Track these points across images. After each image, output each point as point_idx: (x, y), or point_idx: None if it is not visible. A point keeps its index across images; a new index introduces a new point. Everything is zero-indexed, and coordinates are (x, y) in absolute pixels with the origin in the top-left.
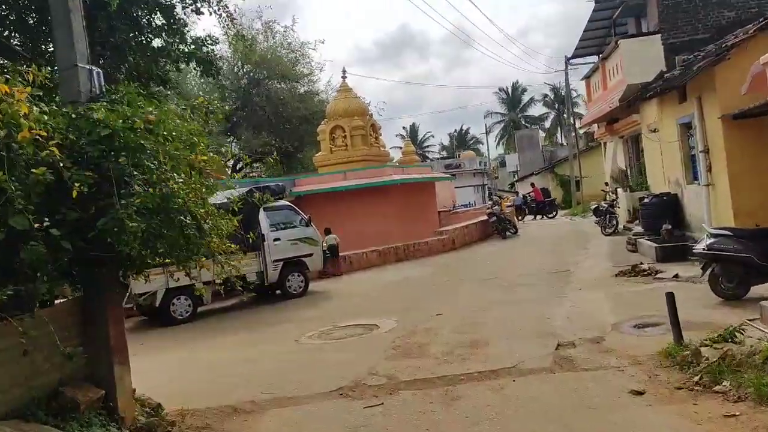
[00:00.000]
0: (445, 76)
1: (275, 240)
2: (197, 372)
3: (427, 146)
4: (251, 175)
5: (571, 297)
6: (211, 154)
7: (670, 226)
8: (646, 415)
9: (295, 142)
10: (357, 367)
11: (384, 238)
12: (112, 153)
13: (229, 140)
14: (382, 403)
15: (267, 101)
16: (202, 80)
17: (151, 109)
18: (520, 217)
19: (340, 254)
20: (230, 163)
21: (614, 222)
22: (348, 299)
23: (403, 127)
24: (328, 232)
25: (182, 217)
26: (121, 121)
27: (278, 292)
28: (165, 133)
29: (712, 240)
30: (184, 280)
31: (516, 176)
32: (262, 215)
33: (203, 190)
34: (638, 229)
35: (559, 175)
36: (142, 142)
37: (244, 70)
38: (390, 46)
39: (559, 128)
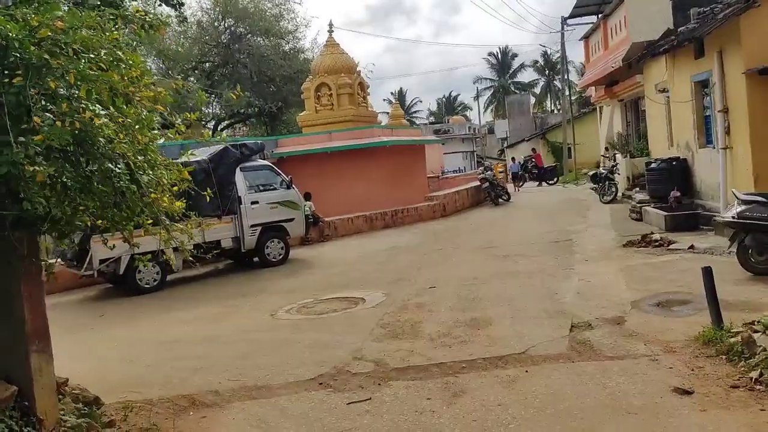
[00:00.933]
0: (434, 41)
1: (253, 203)
2: (155, 351)
3: (415, 112)
4: (233, 136)
5: (578, 269)
6: (158, 88)
7: (678, 194)
8: (704, 426)
9: (279, 103)
10: (340, 350)
11: (371, 204)
12: (6, 72)
13: (209, 99)
14: (370, 398)
15: (249, 58)
16: (180, 33)
17: (60, 14)
18: (520, 183)
19: (324, 220)
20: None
21: (613, 189)
22: (332, 268)
23: (391, 92)
24: (308, 197)
25: (110, 165)
26: (22, 31)
27: (256, 259)
28: (77, 46)
29: (743, 207)
30: (152, 245)
31: (506, 143)
32: (238, 176)
33: (137, 127)
34: (639, 196)
35: (550, 141)
36: (47, 57)
37: (225, 24)
38: (379, 9)
39: (549, 95)
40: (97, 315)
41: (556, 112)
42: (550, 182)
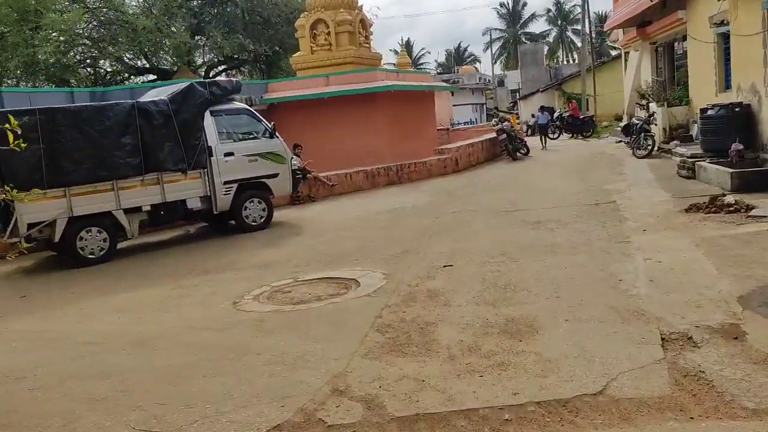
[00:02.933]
0: None
1: (227, 155)
2: (58, 361)
3: (422, 63)
4: None
5: (638, 243)
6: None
7: (741, 146)
8: None
9: (275, 47)
10: (314, 373)
11: (373, 158)
12: None
13: (196, 41)
14: None
15: None
16: None
17: None
18: (555, 136)
19: (319, 175)
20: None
21: (650, 142)
22: (322, 235)
23: (398, 42)
24: (297, 149)
25: None
26: None
27: (233, 222)
28: None
29: None
30: (96, 205)
31: (518, 95)
32: (208, 121)
33: None
34: (681, 150)
35: (567, 93)
36: None
37: None
38: None
39: (561, 46)
40: (19, 295)
41: (570, 62)
42: (586, 135)
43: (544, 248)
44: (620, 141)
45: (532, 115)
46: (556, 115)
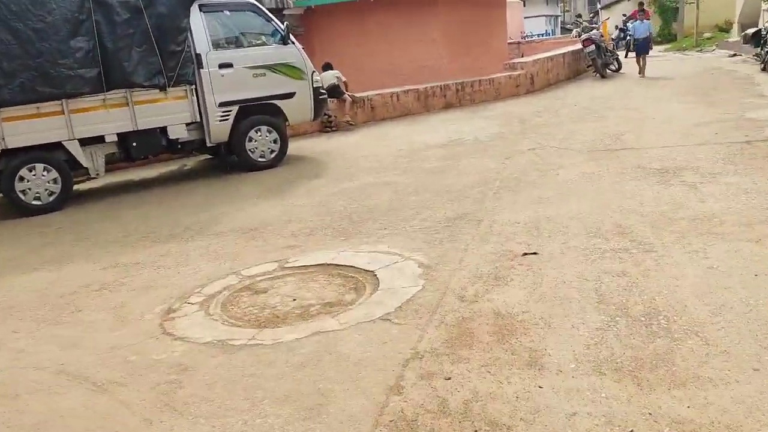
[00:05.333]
0: None
1: (222, 66)
2: None
3: None
4: None
5: None
6: None
7: None
8: None
9: None
10: None
11: (429, 74)
12: None
13: None
14: None
15: None
16: None
17: None
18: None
19: (356, 95)
20: None
21: None
22: (348, 182)
23: None
24: (328, 67)
25: None
26: None
27: (235, 158)
28: None
29: None
30: (39, 134)
31: (599, 3)
32: (196, 19)
33: None
34: None
35: (658, 0)
36: None
37: None
38: None
39: None
40: None
41: None
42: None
43: (692, 222)
44: (735, 54)
45: (616, 27)
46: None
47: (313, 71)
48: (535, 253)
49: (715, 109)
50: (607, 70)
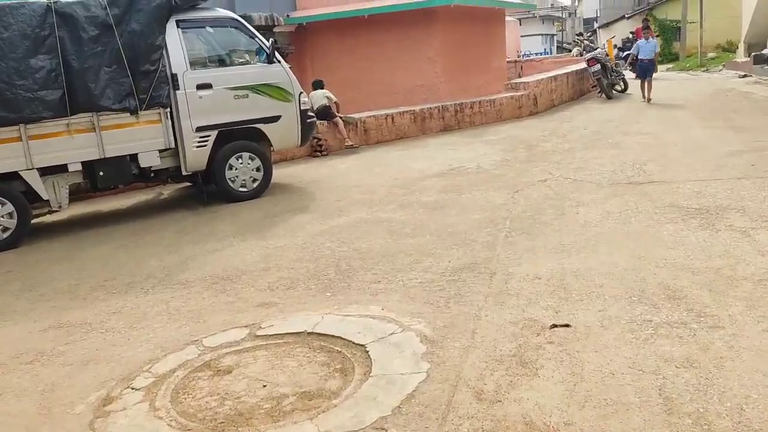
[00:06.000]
0: None
1: (201, 87)
2: None
3: None
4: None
5: None
6: None
7: None
8: None
9: None
10: None
11: (426, 94)
12: None
13: None
14: None
15: None
16: None
17: None
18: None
19: (349, 117)
20: None
21: None
22: (336, 218)
23: None
24: (318, 86)
25: None
26: None
27: (214, 186)
28: None
29: None
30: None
31: (596, 23)
32: (172, 36)
33: None
34: None
35: (659, 19)
36: None
37: None
38: None
39: None
40: None
41: None
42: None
43: (760, 285)
44: (745, 75)
45: (615, 47)
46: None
47: (301, 92)
48: (567, 326)
49: (743, 136)
50: (613, 91)
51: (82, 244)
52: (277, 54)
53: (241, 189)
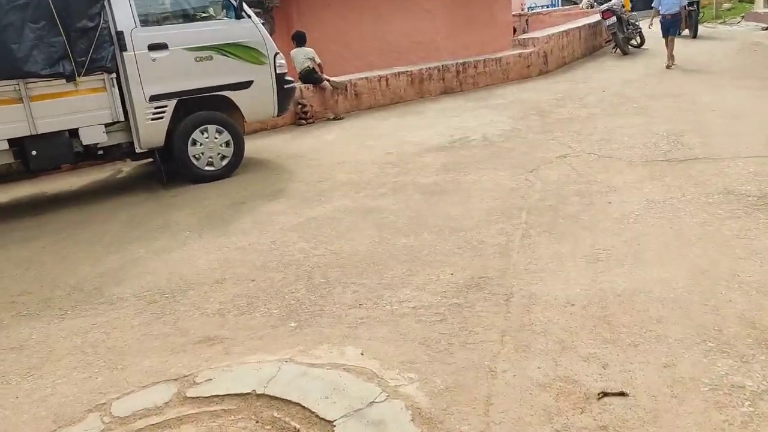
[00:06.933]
0: None
1: (154, 48)
2: None
3: None
4: None
5: None
6: None
7: None
8: None
9: None
10: None
11: (424, 52)
12: None
13: None
14: None
15: None
16: None
17: None
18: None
19: (337, 81)
20: None
21: None
22: (315, 207)
23: None
24: (300, 40)
25: None
26: None
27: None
28: None
29: None
30: None
31: None
32: None
33: None
34: None
35: None
36: None
37: None
38: None
39: None
40: None
41: None
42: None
43: None
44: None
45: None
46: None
47: (277, 53)
48: (622, 394)
49: None
50: (629, 46)
51: (4, 240)
52: (246, 7)
53: (208, 168)
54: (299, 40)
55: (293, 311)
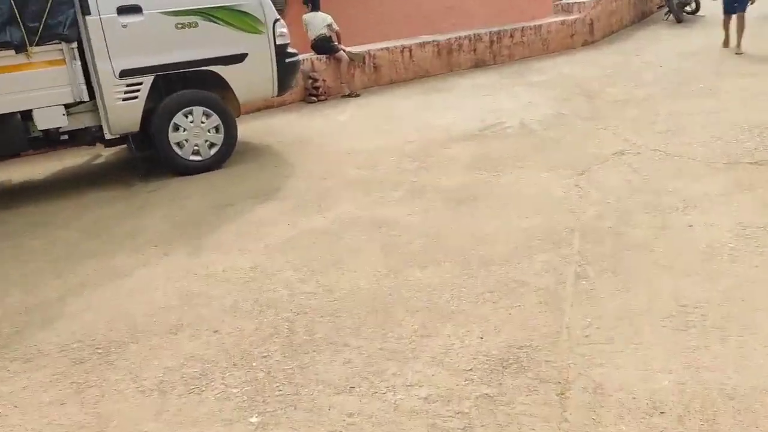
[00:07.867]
0: None
1: (125, 12)
2: None
3: None
4: None
5: None
6: None
7: None
8: None
9: None
10: None
11: (455, 19)
12: None
13: None
14: None
15: None
16: None
17: None
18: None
19: (354, 52)
20: None
21: None
22: (313, 216)
23: None
24: (315, 4)
25: None
26: None
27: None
28: None
29: None
30: None
31: None
32: None
33: None
34: None
35: None
36: None
37: None
38: None
39: None
40: None
41: None
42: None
43: None
44: None
45: None
46: None
47: (277, 19)
48: None
49: None
50: (685, 11)
51: None
52: None
53: (193, 158)
54: (314, 2)
55: (259, 392)
